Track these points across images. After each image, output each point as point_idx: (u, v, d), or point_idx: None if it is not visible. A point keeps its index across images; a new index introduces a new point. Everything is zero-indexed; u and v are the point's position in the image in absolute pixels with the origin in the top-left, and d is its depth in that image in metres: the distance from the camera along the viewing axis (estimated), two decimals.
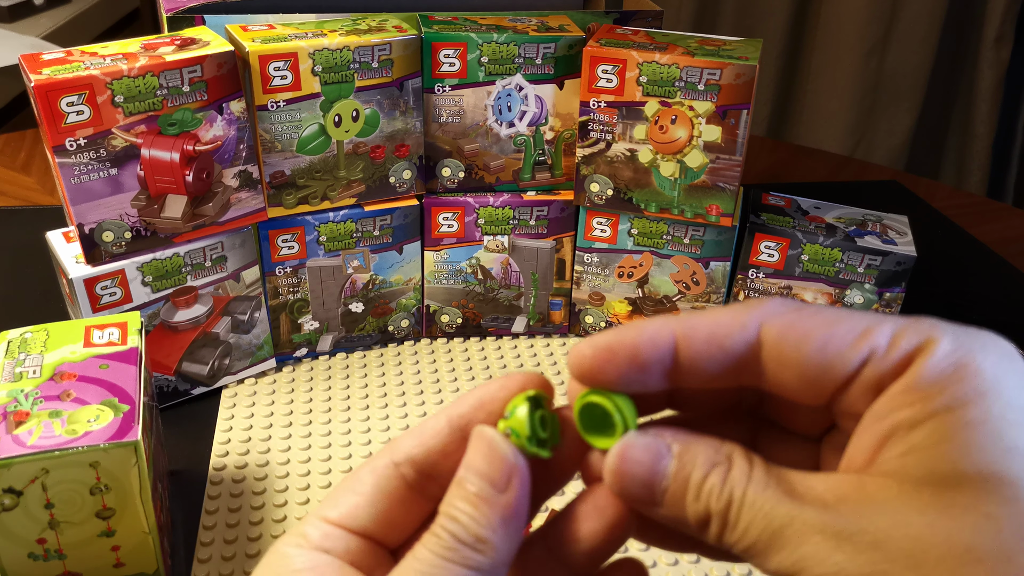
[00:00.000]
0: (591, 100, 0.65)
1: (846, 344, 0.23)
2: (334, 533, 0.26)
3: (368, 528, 0.26)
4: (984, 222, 1.00)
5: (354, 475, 0.27)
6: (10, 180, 1.00)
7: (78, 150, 0.54)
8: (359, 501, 0.26)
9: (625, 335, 0.25)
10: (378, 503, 0.26)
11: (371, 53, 0.62)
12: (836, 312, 0.24)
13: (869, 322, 0.23)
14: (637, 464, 0.24)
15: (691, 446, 0.24)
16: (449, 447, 0.26)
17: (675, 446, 0.24)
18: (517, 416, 0.25)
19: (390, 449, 0.27)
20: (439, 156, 0.68)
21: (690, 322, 0.24)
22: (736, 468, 0.24)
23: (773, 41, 1.78)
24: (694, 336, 0.24)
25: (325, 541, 0.26)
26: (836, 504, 0.22)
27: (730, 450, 0.24)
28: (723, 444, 0.24)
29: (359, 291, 0.70)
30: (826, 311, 0.24)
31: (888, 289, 0.66)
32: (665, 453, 0.24)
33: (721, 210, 0.66)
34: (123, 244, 0.59)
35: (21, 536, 0.45)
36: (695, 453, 0.24)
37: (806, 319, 0.24)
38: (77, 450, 0.44)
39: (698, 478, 0.24)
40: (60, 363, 0.49)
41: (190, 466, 0.60)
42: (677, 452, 0.24)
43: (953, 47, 1.73)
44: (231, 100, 0.59)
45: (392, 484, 0.26)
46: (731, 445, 0.24)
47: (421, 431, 0.27)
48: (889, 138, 1.78)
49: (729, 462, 0.24)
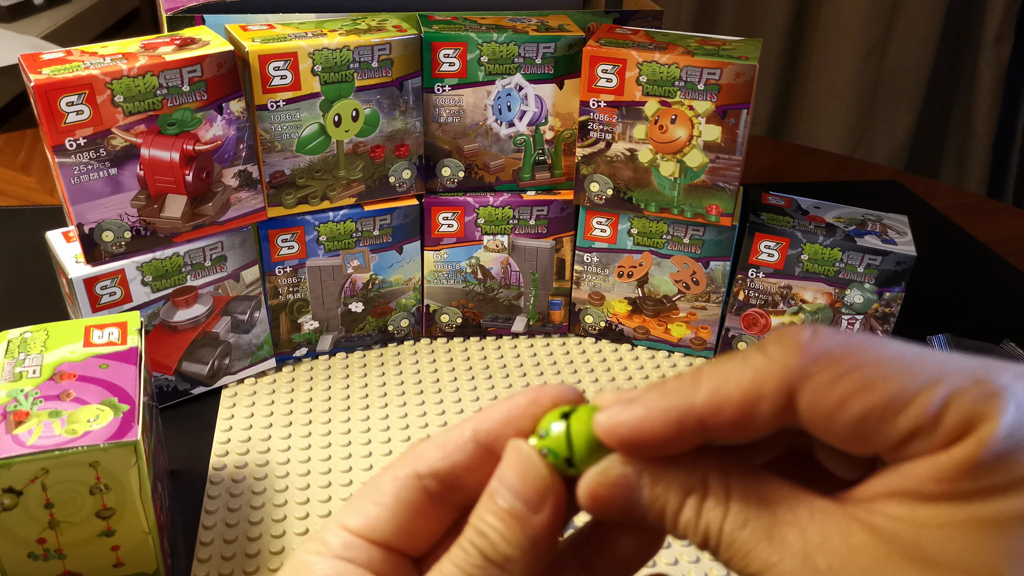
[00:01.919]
0: (591, 100, 0.65)
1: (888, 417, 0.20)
2: (355, 543, 0.25)
3: (389, 539, 0.26)
4: (984, 222, 1.00)
5: (375, 484, 0.26)
6: (10, 180, 1.00)
7: (78, 150, 0.54)
8: (380, 512, 0.26)
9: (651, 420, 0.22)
10: (400, 515, 0.26)
11: (371, 53, 0.62)
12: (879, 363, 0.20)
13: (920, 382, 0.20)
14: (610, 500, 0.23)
15: (664, 474, 0.23)
16: (475, 463, 0.25)
17: (647, 475, 0.23)
18: (553, 435, 0.24)
19: (412, 459, 0.26)
20: (439, 156, 0.68)
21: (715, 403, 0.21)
22: (711, 497, 0.22)
23: (773, 41, 1.78)
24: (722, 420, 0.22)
25: (346, 550, 0.25)
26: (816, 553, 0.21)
27: (704, 474, 0.22)
28: (697, 466, 0.22)
29: (359, 291, 0.70)
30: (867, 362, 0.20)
31: (888, 289, 0.66)
32: (636, 484, 0.23)
33: (721, 210, 0.66)
34: (123, 244, 0.59)
35: (21, 536, 0.45)
36: (668, 482, 0.23)
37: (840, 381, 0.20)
38: (77, 450, 0.44)
39: (673, 509, 0.23)
40: (60, 363, 0.49)
41: (190, 466, 0.60)
42: (649, 481, 0.23)
43: (953, 47, 1.73)
44: (231, 100, 0.59)
45: (414, 495, 0.26)
46: (705, 467, 0.22)
47: (445, 443, 0.26)
48: (889, 138, 1.78)
49: (704, 489, 0.22)
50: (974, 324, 0.80)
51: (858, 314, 0.67)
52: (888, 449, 0.21)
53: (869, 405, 0.20)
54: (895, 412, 0.20)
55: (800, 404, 0.21)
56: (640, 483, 0.23)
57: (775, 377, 0.21)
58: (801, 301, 0.68)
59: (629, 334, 0.74)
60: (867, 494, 0.21)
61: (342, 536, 0.26)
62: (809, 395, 0.21)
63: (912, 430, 0.20)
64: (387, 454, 0.62)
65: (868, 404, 0.20)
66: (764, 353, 0.21)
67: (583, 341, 0.75)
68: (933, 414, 0.20)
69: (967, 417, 0.20)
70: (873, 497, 0.21)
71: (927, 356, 0.21)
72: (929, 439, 0.20)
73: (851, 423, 0.20)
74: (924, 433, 0.20)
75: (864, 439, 0.21)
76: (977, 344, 0.74)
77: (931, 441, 0.20)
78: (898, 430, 0.20)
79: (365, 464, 0.60)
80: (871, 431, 0.20)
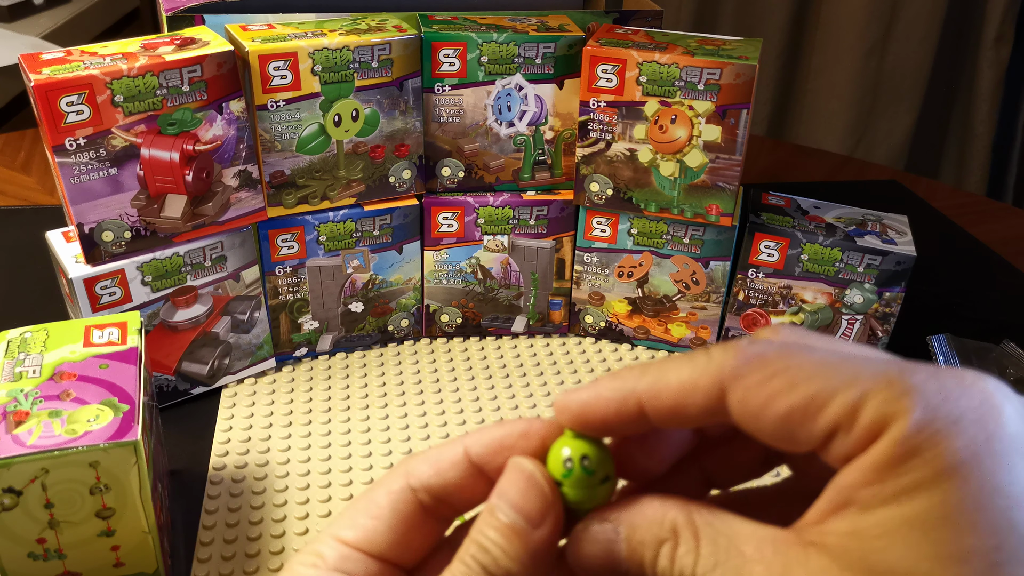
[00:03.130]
0: (591, 100, 0.65)
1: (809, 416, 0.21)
2: (351, 555, 0.26)
3: (385, 552, 0.26)
4: (984, 222, 1.00)
5: (369, 496, 0.27)
6: (10, 180, 1.00)
7: (78, 150, 0.54)
8: (377, 525, 0.26)
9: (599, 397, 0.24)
10: (396, 527, 0.26)
11: (371, 53, 0.62)
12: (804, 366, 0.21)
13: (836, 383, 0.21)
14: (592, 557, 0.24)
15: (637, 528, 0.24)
16: (466, 481, 0.26)
17: (622, 529, 0.24)
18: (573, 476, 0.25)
19: (406, 472, 0.26)
20: (439, 156, 0.68)
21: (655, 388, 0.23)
22: (682, 545, 0.23)
23: (773, 41, 1.78)
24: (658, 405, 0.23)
25: (342, 563, 0.26)
26: None
27: (673, 522, 0.23)
28: (667, 514, 0.23)
29: (359, 291, 0.70)
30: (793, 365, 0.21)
31: (888, 289, 0.66)
32: (614, 538, 0.24)
33: (721, 210, 0.66)
34: (123, 244, 0.59)
35: (21, 536, 0.45)
36: (642, 533, 0.24)
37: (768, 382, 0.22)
38: (77, 450, 0.44)
39: (650, 559, 0.23)
40: (60, 363, 0.49)
41: (190, 466, 0.60)
42: (625, 536, 0.24)
43: (953, 47, 1.73)
44: (231, 100, 0.59)
45: (409, 508, 0.26)
46: (674, 514, 0.23)
47: (438, 459, 0.26)
48: (889, 138, 1.78)
49: (675, 537, 0.23)
50: (974, 324, 0.80)
51: (858, 314, 0.67)
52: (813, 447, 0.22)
53: (791, 405, 0.21)
54: (815, 411, 0.21)
55: (730, 402, 0.22)
56: (618, 538, 0.24)
57: (710, 375, 0.22)
58: (801, 301, 0.68)
59: (629, 334, 0.74)
60: (817, 516, 0.22)
61: (337, 549, 0.26)
62: (739, 393, 0.22)
63: (831, 428, 0.21)
64: (387, 454, 0.62)
65: (791, 404, 0.21)
66: (708, 354, 0.23)
67: (583, 341, 0.75)
68: (849, 413, 0.21)
69: (880, 417, 0.20)
70: (822, 518, 0.22)
71: (850, 359, 0.22)
72: (848, 438, 0.21)
73: (776, 421, 0.21)
74: (843, 431, 0.21)
75: (790, 437, 0.22)
76: (977, 344, 0.74)
77: (850, 440, 0.21)
78: (819, 428, 0.21)
79: (365, 464, 0.61)
80: (795, 429, 0.21)
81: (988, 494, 0.19)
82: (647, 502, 0.24)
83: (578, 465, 0.25)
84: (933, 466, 0.20)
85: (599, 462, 0.25)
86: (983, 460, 0.20)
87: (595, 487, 0.25)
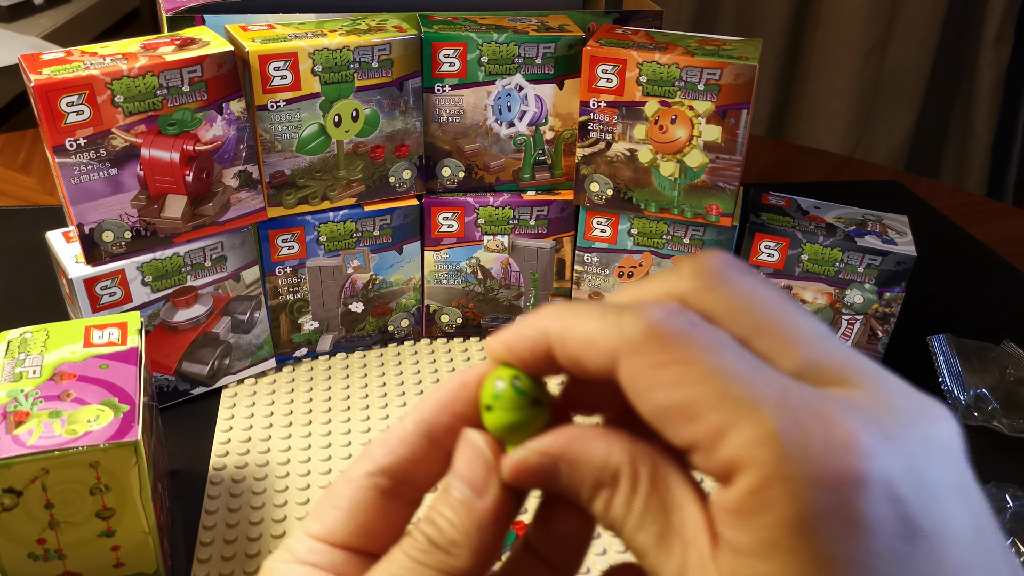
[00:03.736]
0: (591, 100, 0.65)
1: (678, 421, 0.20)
2: (318, 547, 0.26)
3: (350, 540, 0.26)
4: (984, 222, 1.00)
5: (332, 489, 0.27)
6: (10, 180, 1.00)
7: (78, 150, 0.54)
8: (338, 516, 0.26)
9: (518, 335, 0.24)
10: (356, 516, 0.26)
11: (371, 53, 0.62)
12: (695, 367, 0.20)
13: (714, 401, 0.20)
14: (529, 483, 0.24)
15: (578, 468, 0.23)
16: (418, 453, 0.26)
17: (563, 466, 0.23)
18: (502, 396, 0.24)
19: (363, 459, 0.27)
20: (439, 156, 0.68)
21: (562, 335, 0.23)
22: (619, 496, 0.22)
23: (773, 41, 1.78)
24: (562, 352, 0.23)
25: (311, 555, 0.26)
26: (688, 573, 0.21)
27: (615, 468, 0.22)
28: (612, 456, 0.23)
29: (359, 291, 0.70)
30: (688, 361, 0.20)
31: (888, 289, 0.66)
32: (554, 473, 0.23)
33: (721, 210, 0.66)
34: (123, 244, 0.59)
35: (21, 536, 0.45)
36: (583, 474, 0.23)
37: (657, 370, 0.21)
38: (77, 450, 0.44)
39: (586, 499, 0.23)
40: (60, 363, 0.49)
41: (190, 466, 0.60)
42: (565, 472, 0.23)
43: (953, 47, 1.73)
44: (231, 100, 0.59)
45: (368, 495, 0.26)
46: (619, 460, 0.22)
47: (388, 439, 0.26)
48: (889, 138, 1.78)
49: (614, 486, 0.22)
50: (974, 324, 0.80)
51: (858, 314, 0.67)
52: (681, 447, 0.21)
53: (668, 403, 0.20)
54: (685, 420, 0.20)
55: (620, 371, 0.21)
56: (557, 472, 0.23)
57: (610, 339, 0.21)
58: (801, 301, 0.68)
59: None
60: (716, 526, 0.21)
61: (307, 543, 0.26)
62: (629, 368, 0.21)
63: (691, 444, 0.20)
64: None
65: (667, 401, 0.20)
66: (618, 315, 0.22)
67: None
68: (711, 439, 0.20)
69: (735, 458, 0.19)
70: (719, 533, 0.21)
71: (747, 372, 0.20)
72: (708, 462, 0.20)
73: (652, 410, 0.21)
74: (702, 452, 0.20)
75: (661, 428, 0.21)
76: (977, 344, 0.74)
77: (710, 465, 0.20)
78: (684, 437, 0.20)
79: None
80: (665, 425, 0.21)
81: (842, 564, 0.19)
82: (593, 440, 0.23)
83: (509, 385, 0.24)
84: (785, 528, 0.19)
85: (530, 384, 0.24)
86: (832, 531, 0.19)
87: (527, 408, 0.24)
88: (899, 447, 0.19)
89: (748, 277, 0.22)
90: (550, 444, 0.23)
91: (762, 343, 0.21)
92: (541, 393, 0.24)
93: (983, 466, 0.63)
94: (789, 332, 0.21)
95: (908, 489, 0.19)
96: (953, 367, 0.72)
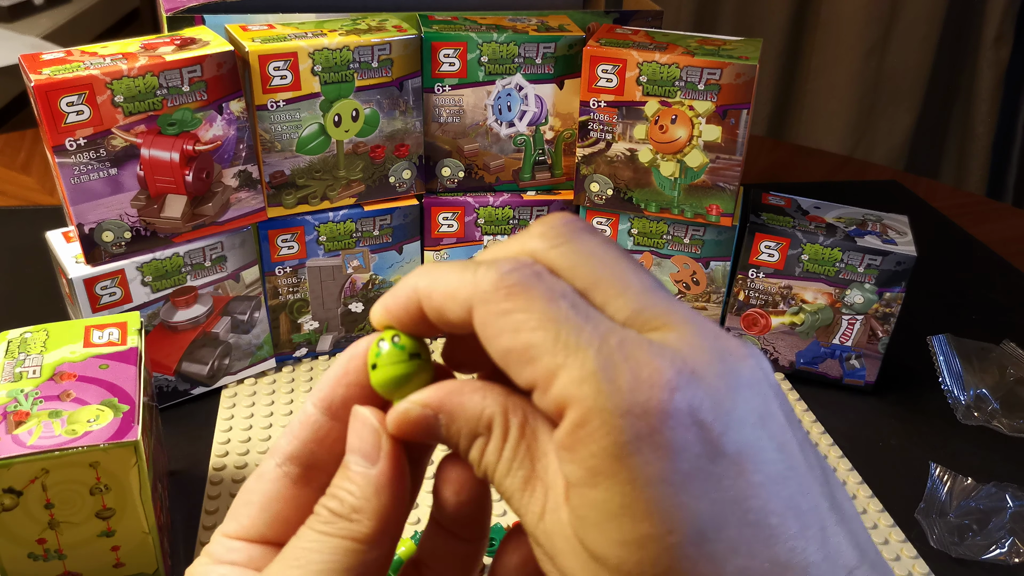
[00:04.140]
0: (591, 100, 0.65)
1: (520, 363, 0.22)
2: (234, 545, 0.27)
3: (266, 534, 0.27)
4: (984, 222, 1.00)
5: (245, 486, 0.28)
6: (10, 180, 1.00)
7: (78, 150, 0.54)
8: (251, 511, 0.27)
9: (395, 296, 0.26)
10: (269, 508, 0.27)
11: (371, 53, 0.62)
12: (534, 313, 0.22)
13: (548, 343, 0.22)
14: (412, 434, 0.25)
15: (455, 419, 0.25)
16: (319, 433, 0.27)
17: (442, 418, 0.25)
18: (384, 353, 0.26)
19: (271, 453, 0.28)
20: (439, 156, 0.68)
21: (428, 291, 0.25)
22: (491, 444, 0.24)
23: (773, 41, 1.78)
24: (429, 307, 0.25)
25: (229, 554, 0.27)
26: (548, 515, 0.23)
27: (489, 419, 0.24)
28: (486, 408, 0.24)
29: (359, 291, 0.70)
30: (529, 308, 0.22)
31: (888, 289, 0.66)
32: (434, 424, 0.25)
33: (721, 210, 0.66)
34: (123, 244, 0.59)
35: (21, 536, 0.45)
36: (459, 425, 0.25)
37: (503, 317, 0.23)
38: (77, 450, 0.44)
39: (463, 448, 0.25)
40: (60, 363, 0.49)
41: (190, 466, 0.60)
42: (443, 423, 0.25)
43: (953, 47, 1.73)
44: (231, 100, 0.59)
45: (279, 486, 0.27)
46: (492, 411, 0.24)
47: (292, 426, 0.28)
48: (889, 138, 1.78)
49: (487, 434, 0.24)
50: (974, 324, 0.80)
51: (858, 314, 0.67)
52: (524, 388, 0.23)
53: (510, 346, 0.22)
54: (525, 362, 0.22)
55: (474, 319, 0.23)
56: (437, 423, 0.25)
57: (466, 290, 0.23)
58: (801, 301, 0.68)
59: None
60: None
61: (224, 543, 0.27)
62: (480, 316, 0.23)
63: (531, 384, 0.22)
64: None
65: (510, 345, 0.22)
66: (475, 269, 0.24)
67: None
68: (544, 379, 0.22)
69: (563, 396, 0.21)
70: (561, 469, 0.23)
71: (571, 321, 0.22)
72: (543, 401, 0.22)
73: (498, 354, 0.23)
74: (539, 392, 0.22)
75: (507, 370, 0.23)
76: (977, 344, 0.74)
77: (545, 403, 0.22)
78: (524, 378, 0.22)
79: None
80: (510, 367, 0.23)
81: (654, 484, 0.21)
82: (469, 393, 0.25)
83: (389, 342, 0.26)
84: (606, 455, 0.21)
85: (409, 341, 0.26)
86: (646, 453, 0.21)
87: (406, 361, 0.26)
88: (704, 381, 0.21)
89: (590, 236, 0.24)
90: (429, 397, 0.25)
91: (598, 295, 0.23)
92: (420, 348, 0.26)
93: (983, 466, 0.63)
94: (621, 284, 0.23)
95: (710, 416, 0.21)
96: (953, 367, 0.72)
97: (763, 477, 0.21)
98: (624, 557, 0.21)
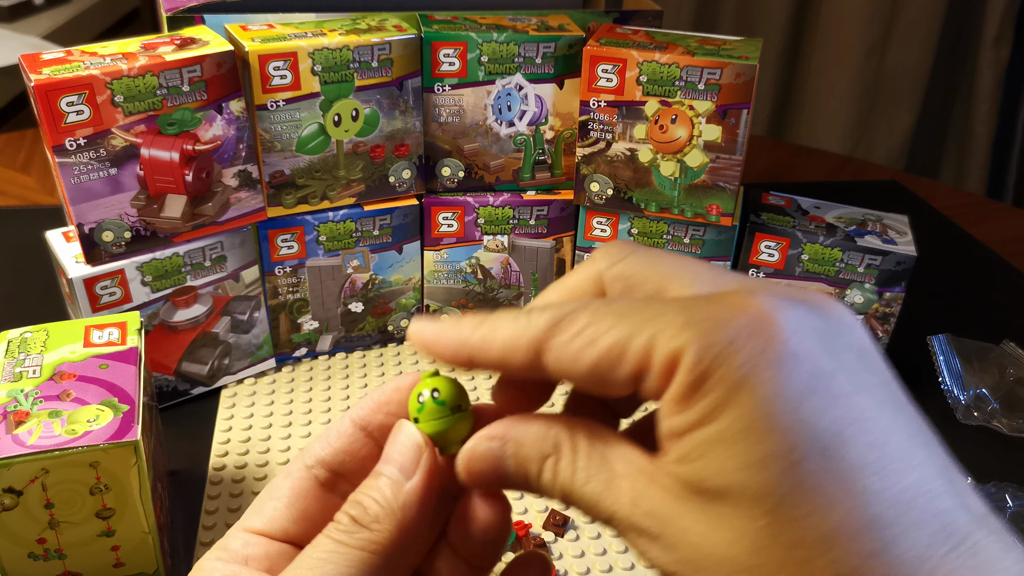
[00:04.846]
0: (591, 99, 0.65)
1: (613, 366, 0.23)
2: (254, 540, 0.27)
3: (289, 530, 0.28)
4: (984, 222, 1.00)
5: (272, 484, 0.28)
6: (10, 180, 1.00)
7: (78, 150, 0.54)
8: (277, 506, 0.28)
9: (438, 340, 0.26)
10: (295, 505, 0.28)
11: (371, 52, 0.62)
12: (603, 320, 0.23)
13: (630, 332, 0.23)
14: (482, 472, 0.26)
15: (523, 445, 0.25)
16: (354, 446, 0.28)
17: (509, 446, 0.25)
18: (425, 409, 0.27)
19: (301, 455, 0.28)
20: (439, 156, 0.68)
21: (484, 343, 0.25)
22: (563, 460, 0.25)
23: (773, 41, 1.78)
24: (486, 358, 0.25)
25: (246, 549, 0.27)
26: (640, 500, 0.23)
27: (556, 437, 0.25)
28: (551, 429, 0.25)
29: (359, 291, 0.70)
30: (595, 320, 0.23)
31: (888, 289, 0.66)
32: (501, 455, 0.26)
33: (721, 210, 0.66)
34: (123, 244, 0.59)
35: (21, 536, 0.45)
36: (528, 450, 0.25)
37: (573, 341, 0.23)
38: (77, 450, 0.44)
39: (535, 473, 0.25)
40: (60, 363, 0.49)
41: (190, 466, 0.60)
42: (512, 452, 0.25)
43: (953, 47, 1.73)
44: (231, 100, 0.59)
45: (306, 486, 0.28)
46: (557, 429, 0.25)
47: (328, 434, 0.28)
48: (889, 138, 1.78)
49: (557, 452, 0.25)
50: (974, 324, 0.80)
51: (858, 314, 0.67)
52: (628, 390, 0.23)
53: (595, 358, 0.23)
54: (617, 361, 0.23)
55: (546, 360, 0.24)
56: (505, 454, 0.25)
57: (528, 337, 0.24)
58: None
59: None
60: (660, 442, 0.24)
61: (243, 538, 0.28)
62: (553, 353, 0.24)
63: (633, 375, 0.23)
64: None
65: (595, 357, 0.23)
66: (528, 316, 0.25)
67: None
68: (644, 357, 0.22)
69: (670, 354, 0.22)
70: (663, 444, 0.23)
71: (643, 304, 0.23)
72: (652, 378, 0.22)
73: (586, 374, 0.23)
74: (646, 373, 0.22)
75: (602, 385, 0.23)
76: (977, 344, 0.74)
77: (654, 379, 0.22)
78: (624, 374, 0.23)
79: None
80: (604, 378, 0.23)
81: (772, 400, 0.21)
82: (533, 421, 0.26)
83: (428, 397, 0.27)
84: (723, 386, 0.21)
85: (449, 394, 0.27)
86: (762, 371, 0.21)
87: (447, 416, 0.27)
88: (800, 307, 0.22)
89: (647, 248, 0.26)
90: (494, 429, 0.26)
91: (672, 288, 0.25)
92: (462, 401, 0.27)
93: (983, 466, 0.63)
94: (691, 274, 0.25)
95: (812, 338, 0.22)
96: (953, 367, 0.72)
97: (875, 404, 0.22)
98: (747, 481, 0.21)
